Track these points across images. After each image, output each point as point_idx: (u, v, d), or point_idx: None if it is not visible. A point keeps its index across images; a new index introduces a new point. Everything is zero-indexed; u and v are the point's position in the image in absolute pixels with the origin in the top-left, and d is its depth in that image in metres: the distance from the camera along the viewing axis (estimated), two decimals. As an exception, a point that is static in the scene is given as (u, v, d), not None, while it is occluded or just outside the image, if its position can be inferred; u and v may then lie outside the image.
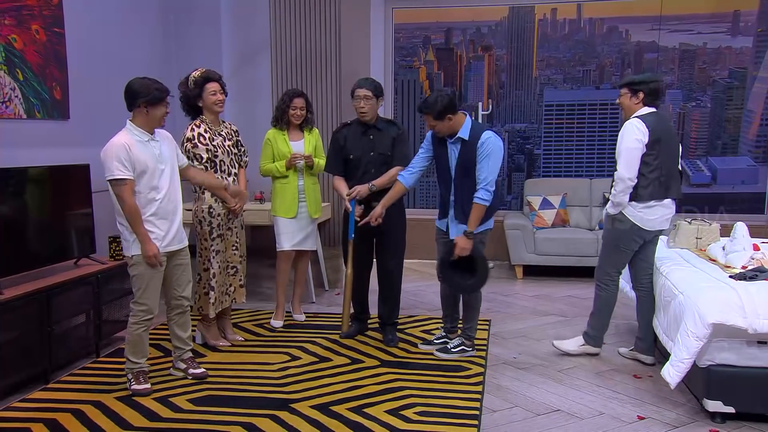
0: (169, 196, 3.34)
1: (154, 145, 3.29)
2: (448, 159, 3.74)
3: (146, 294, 3.33)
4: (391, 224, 4.02)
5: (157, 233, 3.30)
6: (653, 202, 3.63)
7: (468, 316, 3.92)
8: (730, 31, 6.22)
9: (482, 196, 3.59)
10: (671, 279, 3.54)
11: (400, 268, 4.19)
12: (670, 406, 3.26)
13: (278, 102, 4.50)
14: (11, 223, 3.55)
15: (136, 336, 3.37)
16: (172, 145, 3.46)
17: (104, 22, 4.85)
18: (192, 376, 3.59)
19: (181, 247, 3.46)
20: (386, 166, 4.03)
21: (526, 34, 6.56)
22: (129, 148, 3.18)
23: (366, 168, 4.03)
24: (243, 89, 6.05)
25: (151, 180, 3.26)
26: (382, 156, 4.03)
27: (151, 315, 3.37)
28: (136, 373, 3.42)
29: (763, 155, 6.27)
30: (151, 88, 3.23)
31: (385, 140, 4.04)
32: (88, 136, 4.58)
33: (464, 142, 3.64)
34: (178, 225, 3.42)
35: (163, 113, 3.31)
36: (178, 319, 3.57)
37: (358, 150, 4.03)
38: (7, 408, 3.25)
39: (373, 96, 3.98)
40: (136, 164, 3.19)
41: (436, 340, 4.07)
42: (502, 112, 6.67)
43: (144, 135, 3.27)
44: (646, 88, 3.64)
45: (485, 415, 3.15)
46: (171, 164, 3.38)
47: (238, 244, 4.15)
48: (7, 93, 3.89)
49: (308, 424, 3.03)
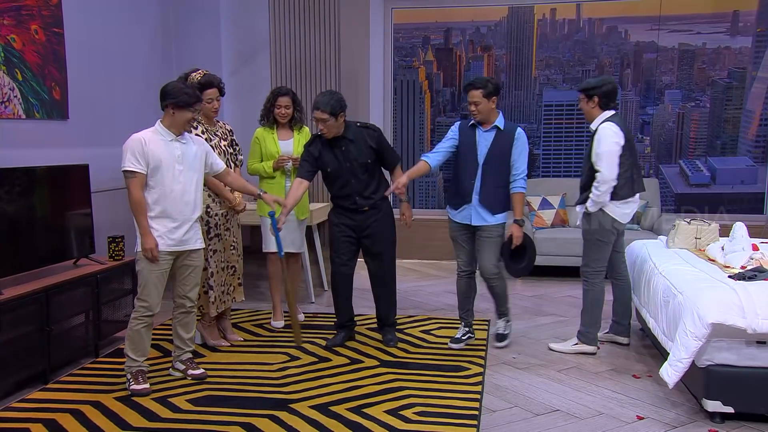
0: (182, 197, 3.36)
1: (176, 145, 3.36)
2: (477, 147, 3.88)
3: (146, 291, 3.36)
4: (379, 225, 4.01)
5: (160, 231, 3.32)
6: (629, 199, 3.84)
7: (501, 301, 4.13)
8: (729, 31, 6.22)
9: (523, 185, 3.91)
10: (670, 279, 3.54)
11: (393, 268, 4.16)
12: (669, 406, 3.26)
13: (265, 100, 4.48)
14: (11, 224, 3.55)
15: (135, 332, 3.39)
16: (201, 149, 3.51)
17: (104, 22, 4.85)
18: (191, 376, 3.59)
19: (190, 248, 3.45)
20: (368, 172, 3.93)
21: (525, 34, 6.56)
22: (145, 142, 3.28)
23: (346, 178, 3.92)
24: (242, 89, 6.05)
25: (164, 177, 3.31)
26: (362, 165, 3.91)
27: (150, 312, 3.38)
28: (135, 372, 3.42)
29: (762, 155, 6.28)
30: (181, 92, 3.35)
31: (360, 148, 3.90)
32: (87, 136, 4.59)
33: (499, 131, 3.87)
34: (189, 227, 3.42)
35: (189, 118, 3.38)
36: (182, 319, 3.57)
37: (334, 163, 3.91)
38: (6, 408, 3.24)
39: (329, 116, 3.76)
40: (150, 159, 3.28)
41: (462, 336, 4.14)
42: (502, 112, 6.66)
43: (168, 135, 3.35)
44: (599, 92, 3.83)
45: (484, 415, 3.15)
46: (192, 167, 3.42)
47: (235, 244, 4.16)
48: (6, 93, 3.89)
49: (307, 425, 3.03)
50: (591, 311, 3.95)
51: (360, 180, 3.92)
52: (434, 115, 6.74)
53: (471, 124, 3.93)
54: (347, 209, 3.98)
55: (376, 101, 6.68)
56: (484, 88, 3.78)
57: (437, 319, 4.64)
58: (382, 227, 4.02)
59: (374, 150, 3.93)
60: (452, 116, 6.73)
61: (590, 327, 3.96)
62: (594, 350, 3.96)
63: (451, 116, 6.73)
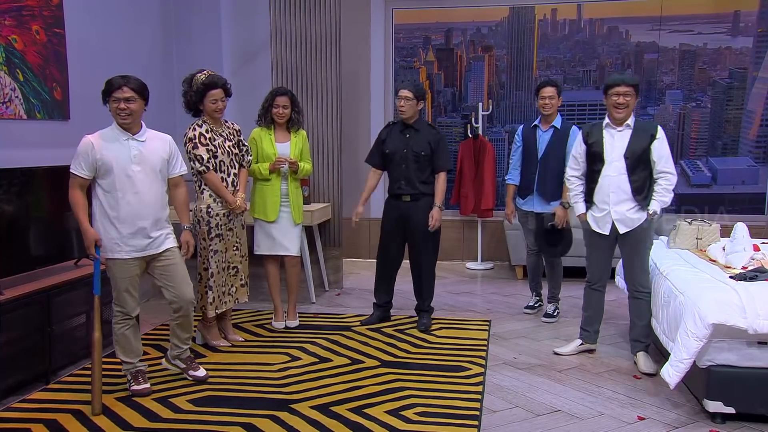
0: (140, 200, 3.21)
1: (133, 144, 3.21)
2: (537, 144, 4.52)
3: (120, 297, 3.30)
4: (418, 217, 4.32)
5: (115, 238, 3.21)
6: None
7: (555, 284, 4.71)
8: (730, 31, 6.22)
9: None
10: (671, 279, 3.54)
11: (430, 260, 4.44)
12: (671, 406, 3.26)
13: (263, 100, 4.45)
14: (11, 224, 3.55)
15: (120, 336, 3.34)
16: (165, 147, 3.36)
17: (104, 22, 4.85)
18: (192, 378, 3.56)
19: (158, 251, 3.32)
20: (418, 164, 4.32)
21: (526, 34, 6.56)
22: (93, 146, 3.17)
23: (399, 162, 4.35)
24: (243, 89, 6.04)
25: (117, 181, 3.17)
26: (415, 154, 4.32)
27: (129, 315, 3.33)
28: (135, 373, 3.41)
29: (763, 156, 6.27)
30: (106, 83, 3.22)
31: (420, 140, 4.33)
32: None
33: (556, 130, 4.48)
34: (151, 230, 3.25)
35: (114, 108, 3.18)
36: (181, 321, 3.48)
37: (394, 146, 4.37)
38: (7, 408, 3.25)
39: (413, 97, 4.29)
40: (97, 163, 3.15)
41: (535, 304, 4.90)
42: (502, 112, 6.67)
43: (123, 134, 3.22)
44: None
45: (485, 416, 3.15)
46: (153, 166, 3.26)
47: (239, 245, 4.15)
48: (7, 93, 3.89)
49: (308, 425, 3.03)
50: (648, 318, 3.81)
51: (410, 168, 4.33)
52: (435, 116, 6.74)
53: (533, 125, 4.58)
54: (394, 196, 4.43)
55: (377, 101, 6.68)
56: (556, 87, 4.48)
57: (438, 319, 4.64)
58: (421, 219, 4.31)
59: (431, 147, 4.33)
60: (453, 116, 6.73)
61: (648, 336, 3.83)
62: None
63: (452, 116, 6.74)
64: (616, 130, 3.67)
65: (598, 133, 3.72)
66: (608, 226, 3.72)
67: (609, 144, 3.67)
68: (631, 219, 3.66)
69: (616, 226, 3.69)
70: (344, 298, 5.36)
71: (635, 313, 3.79)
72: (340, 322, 4.63)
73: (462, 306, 5.09)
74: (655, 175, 3.65)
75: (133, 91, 3.19)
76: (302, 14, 5.46)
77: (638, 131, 3.64)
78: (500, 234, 6.43)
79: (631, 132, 3.65)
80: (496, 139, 6.63)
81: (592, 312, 3.95)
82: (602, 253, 3.84)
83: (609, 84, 3.64)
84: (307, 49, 5.47)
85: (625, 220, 3.67)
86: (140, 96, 3.22)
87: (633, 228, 3.67)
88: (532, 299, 4.93)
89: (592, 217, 3.79)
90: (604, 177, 3.68)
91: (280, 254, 4.45)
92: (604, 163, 3.67)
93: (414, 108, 4.32)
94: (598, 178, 3.71)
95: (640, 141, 3.61)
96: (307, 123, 5.47)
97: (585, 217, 3.82)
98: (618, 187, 3.64)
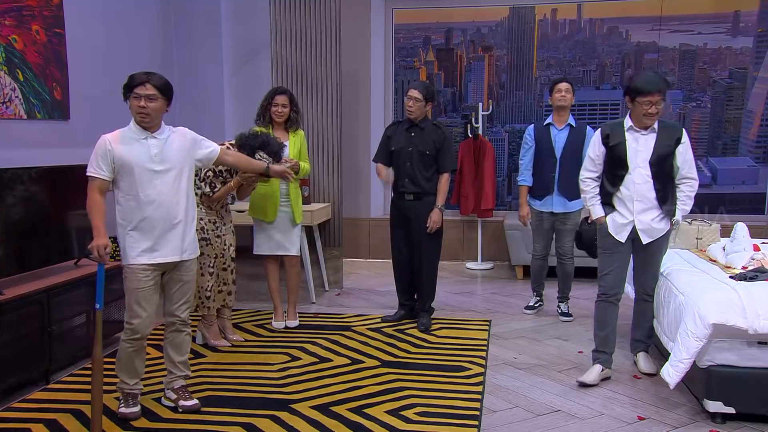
0: (163, 201, 2.99)
1: (152, 143, 2.99)
2: (553, 144, 4.52)
3: (132, 310, 3.03)
4: (419, 215, 4.35)
5: (139, 241, 3.00)
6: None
7: (568, 284, 4.76)
8: (730, 31, 6.21)
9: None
10: (671, 279, 3.54)
11: (432, 258, 4.46)
12: (671, 406, 3.26)
13: (262, 99, 4.43)
14: (12, 224, 3.55)
15: (123, 352, 3.09)
16: (185, 140, 3.11)
17: (104, 22, 4.85)
18: (183, 408, 3.18)
19: (177, 260, 3.07)
20: (422, 163, 4.35)
21: (526, 34, 6.56)
22: (110, 144, 2.95)
23: (404, 160, 4.38)
24: (243, 90, 6.05)
25: (138, 182, 2.96)
26: (421, 153, 4.35)
27: (138, 335, 3.05)
28: (126, 394, 3.14)
29: (763, 156, 6.27)
30: (129, 78, 3.01)
31: (426, 139, 4.36)
32: (88, 136, 4.55)
33: (572, 128, 4.51)
34: (175, 234, 3.04)
35: (136, 106, 2.96)
36: (173, 339, 3.21)
37: (400, 143, 4.41)
38: (7, 408, 3.25)
39: (422, 98, 4.32)
40: (116, 163, 2.95)
41: (535, 304, 4.92)
42: (503, 112, 6.67)
43: (141, 133, 2.99)
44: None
45: (485, 416, 3.15)
46: (175, 164, 3.03)
47: (225, 252, 4.07)
48: (7, 93, 3.89)
49: (308, 425, 3.03)
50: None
51: (414, 166, 4.35)
52: (435, 115, 6.73)
53: (546, 124, 4.57)
54: (398, 195, 4.45)
55: (377, 101, 6.68)
56: (572, 84, 4.51)
57: (438, 319, 4.64)
58: (422, 218, 4.34)
59: (436, 147, 4.35)
60: (453, 116, 6.73)
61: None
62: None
63: (452, 116, 6.74)
64: (640, 133, 3.42)
65: (619, 134, 3.45)
66: (626, 234, 3.50)
67: (633, 149, 3.42)
68: (655, 229, 3.48)
69: (640, 236, 3.49)
70: (344, 298, 5.36)
71: (640, 316, 3.75)
72: (340, 322, 4.63)
73: (462, 306, 5.09)
74: (678, 181, 3.48)
75: (156, 89, 2.97)
76: (302, 14, 5.46)
77: (663, 134, 3.41)
78: (500, 234, 6.42)
79: (656, 135, 3.41)
80: (496, 139, 6.63)
81: (610, 331, 3.57)
82: (621, 260, 3.56)
83: (640, 90, 3.30)
84: (307, 50, 5.47)
85: (649, 231, 3.48)
86: (163, 95, 3.00)
87: (656, 238, 3.52)
88: (533, 299, 4.94)
89: (612, 222, 3.54)
90: (628, 183, 3.44)
91: (280, 254, 4.45)
92: (627, 168, 3.43)
93: (422, 109, 4.35)
94: (620, 185, 3.47)
95: (666, 146, 3.39)
96: (307, 123, 5.47)
97: (605, 220, 3.55)
98: (644, 196, 3.43)
